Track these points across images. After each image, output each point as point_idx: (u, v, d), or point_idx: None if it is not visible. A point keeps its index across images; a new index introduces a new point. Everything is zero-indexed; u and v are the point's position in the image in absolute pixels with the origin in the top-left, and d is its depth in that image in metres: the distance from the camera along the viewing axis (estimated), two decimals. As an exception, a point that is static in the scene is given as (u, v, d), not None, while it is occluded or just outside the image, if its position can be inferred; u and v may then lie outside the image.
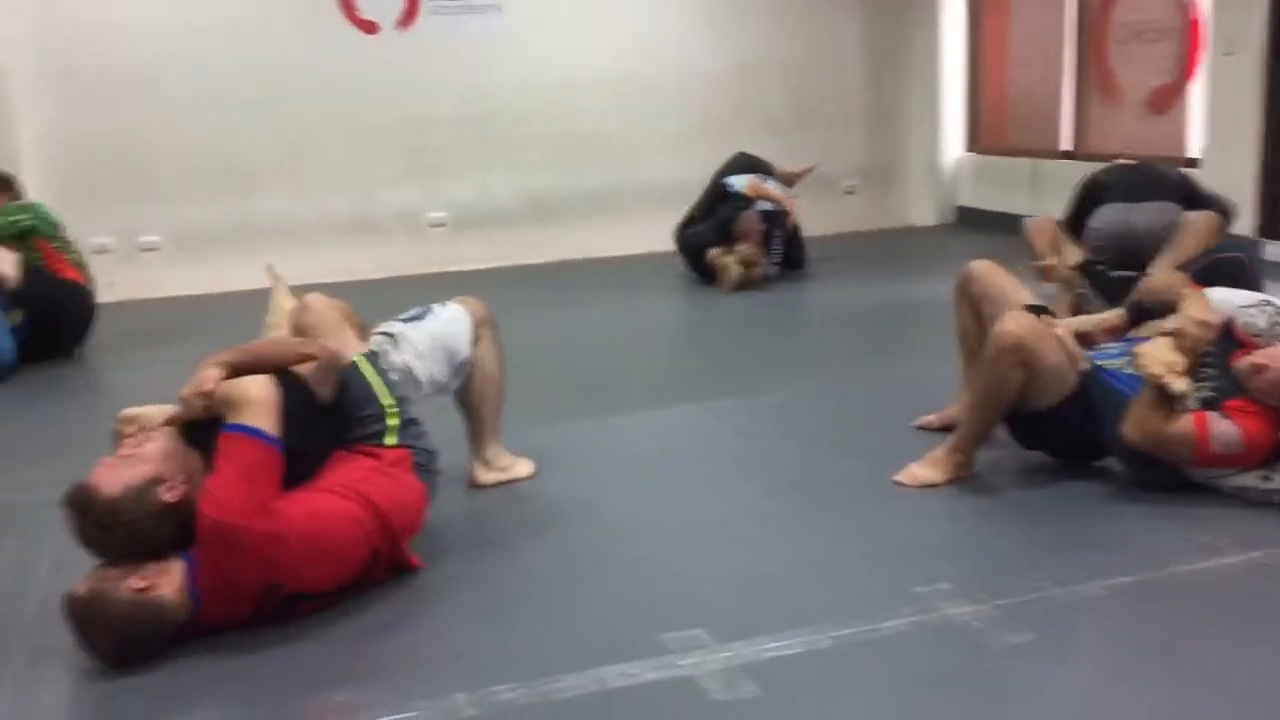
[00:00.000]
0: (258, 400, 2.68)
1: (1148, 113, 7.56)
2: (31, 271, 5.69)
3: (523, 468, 3.71)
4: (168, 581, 2.56)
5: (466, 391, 3.55)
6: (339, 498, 2.75)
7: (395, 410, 3.02)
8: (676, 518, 3.37)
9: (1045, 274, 4.82)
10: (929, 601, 2.70)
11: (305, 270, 7.64)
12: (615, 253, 8.29)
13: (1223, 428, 3.11)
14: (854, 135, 9.18)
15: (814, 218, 8.15)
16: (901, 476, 3.49)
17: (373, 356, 3.14)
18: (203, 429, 2.70)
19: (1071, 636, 2.57)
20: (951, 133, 9.20)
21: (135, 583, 2.51)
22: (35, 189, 7.02)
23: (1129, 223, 4.79)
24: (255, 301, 4.02)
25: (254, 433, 2.63)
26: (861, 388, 4.67)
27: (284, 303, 3.55)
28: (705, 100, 8.68)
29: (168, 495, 2.57)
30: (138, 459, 2.59)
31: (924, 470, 3.49)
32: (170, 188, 7.65)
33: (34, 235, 5.81)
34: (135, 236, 7.51)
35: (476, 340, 3.50)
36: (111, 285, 6.64)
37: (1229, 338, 3.31)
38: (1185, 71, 7.23)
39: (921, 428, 3.96)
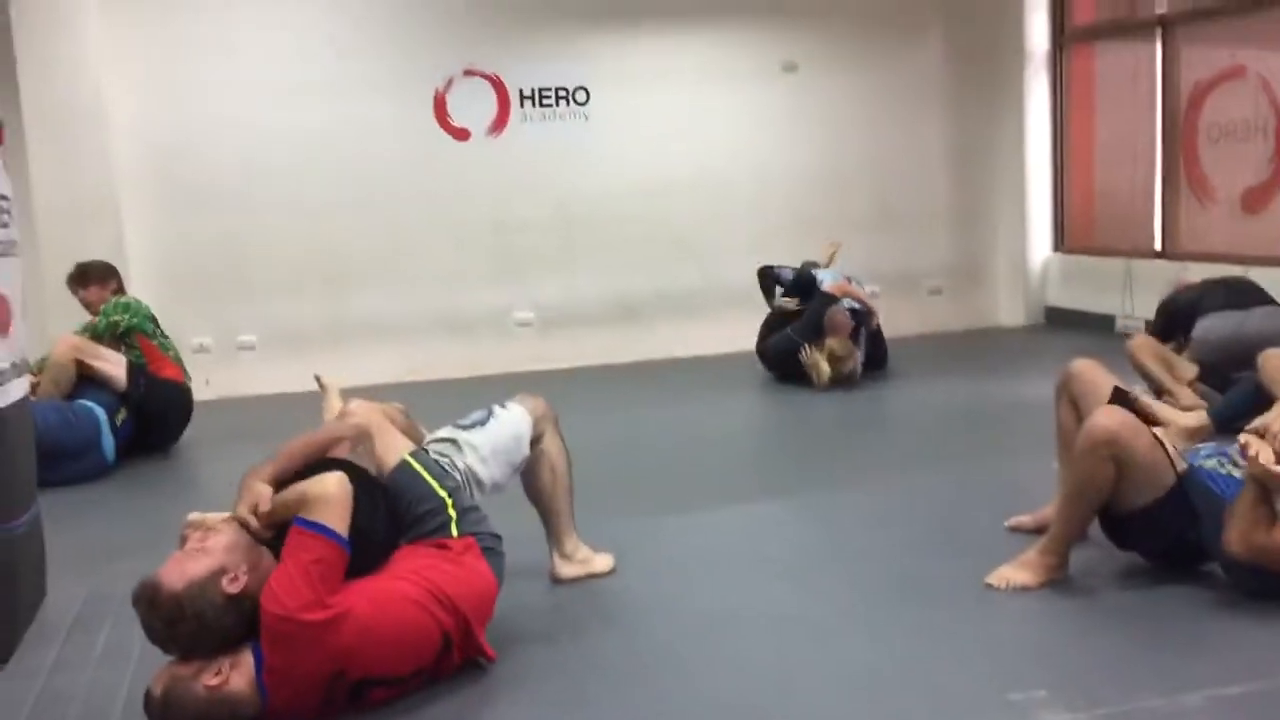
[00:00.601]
0: (333, 498, 2.72)
1: (1241, 213, 7.44)
2: (135, 370, 5.88)
3: (602, 562, 3.70)
4: (239, 675, 2.58)
5: (535, 488, 3.58)
6: (404, 582, 2.78)
7: (452, 501, 3.05)
8: (761, 615, 3.32)
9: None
10: (1025, 709, 2.61)
11: (394, 369, 7.84)
12: (699, 352, 8.32)
13: None
14: (939, 235, 9.16)
15: (900, 318, 8.13)
16: (993, 579, 3.41)
17: (420, 454, 3.16)
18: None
19: (1176, 749, 2.46)
20: (1039, 232, 9.13)
21: (209, 680, 2.54)
22: (140, 290, 7.31)
23: (1243, 327, 4.74)
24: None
25: (323, 530, 2.67)
26: (951, 487, 4.59)
27: (336, 406, 3.61)
28: (788, 201, 8.75)
29: (230, 587, 2.60)
30: (202, 553, 2.64)
31: (1015, 572, 3.40)
32: (266, 287, 7.89)
33: (134, 333, 6.01)
34: (233, 335, 7.75)
35: (538, 438, 3.52)
36: (206, 384, 6.82)
37: None
38: (1279, 171, 7.12)
39: (1014, 529, 3.87)
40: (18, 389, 3.42)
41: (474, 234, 8.26)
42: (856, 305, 7.01)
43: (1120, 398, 3.37)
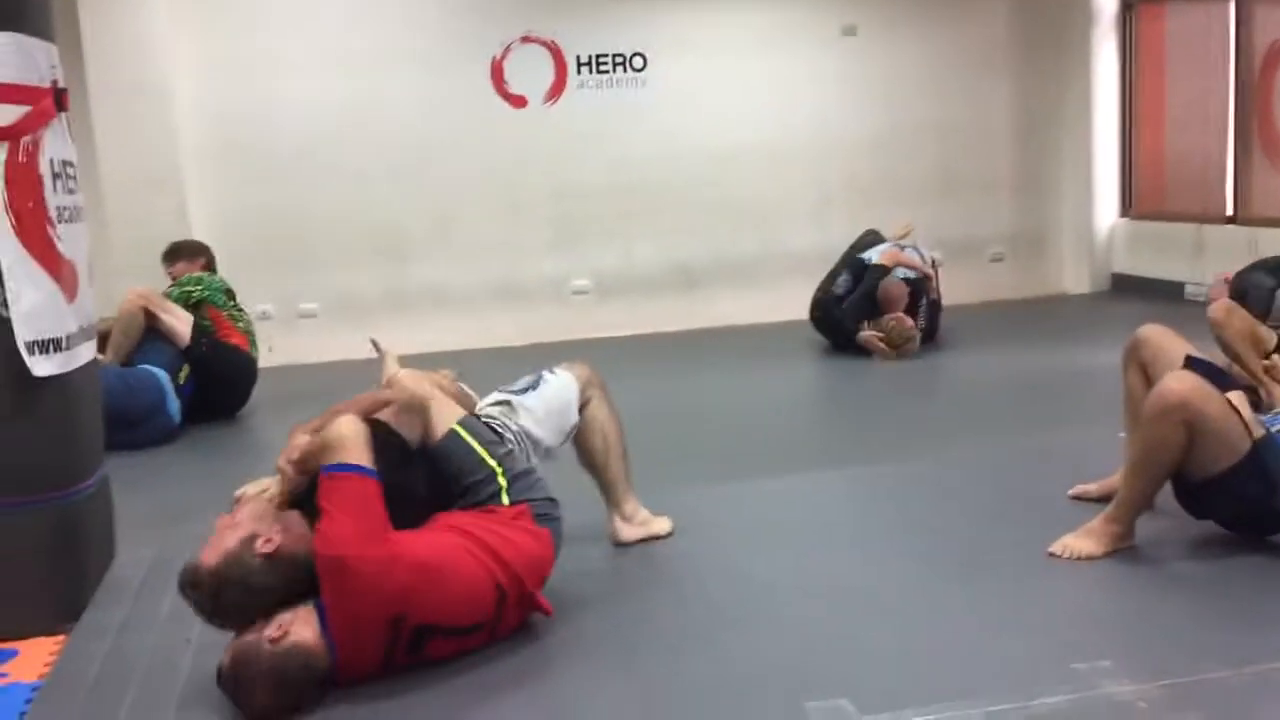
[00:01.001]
0: (347, 436, 2.77)
1: (1317, 175, 7.25)
2: (199, 330, 5.98)
3: (662, 524, 3.71)
4: (301, 625, 2.60)
5: (589, 455, 3.59)
6: (453, 533, 2.83)
7: (502, 470, 3.05)
8: (822, 583, 3.30)
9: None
10: (1089, 679, 2.57)
11: (452, 337, 7.88)
12: (757, 320, 8.27)
13: None
14: (1003, 201, 9.01)
15: (961, 286, 8.02)
16: (1056, 548, 3.35)
17: (470, 421, 3.14)
18: (307, 494, 2.81)
19: (1245, 721, 2.41)
20: (1105, 197, 8.95)
21: (271, 633, 2.57)
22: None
23: None
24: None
25: (349, 468, 2.72)
26: (1015, 456, 4.52)
27: (393, 372, 3.62)
28: (849, 168, 8.66)
29: (265, 548, 2.64)
30: (229, 528, 2.69)
31: (1079, 542, 3.34)
32: (328, 257, 7.97)
33: (205, 304, 6.14)
34: (295, 303, 7.83)
35: (586, 404, 3.54)
36: (269, 350, 6.92)
37: None
38: (1358, 131, 6.91)
39: (1078, 497, 3.80)
40: (86, 353, 3.47)
41: (531, 202, 8.27)
42: (911, 273, 6.91)
43: (1194, 364, 3.29)
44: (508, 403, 3.37)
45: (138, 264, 6.57)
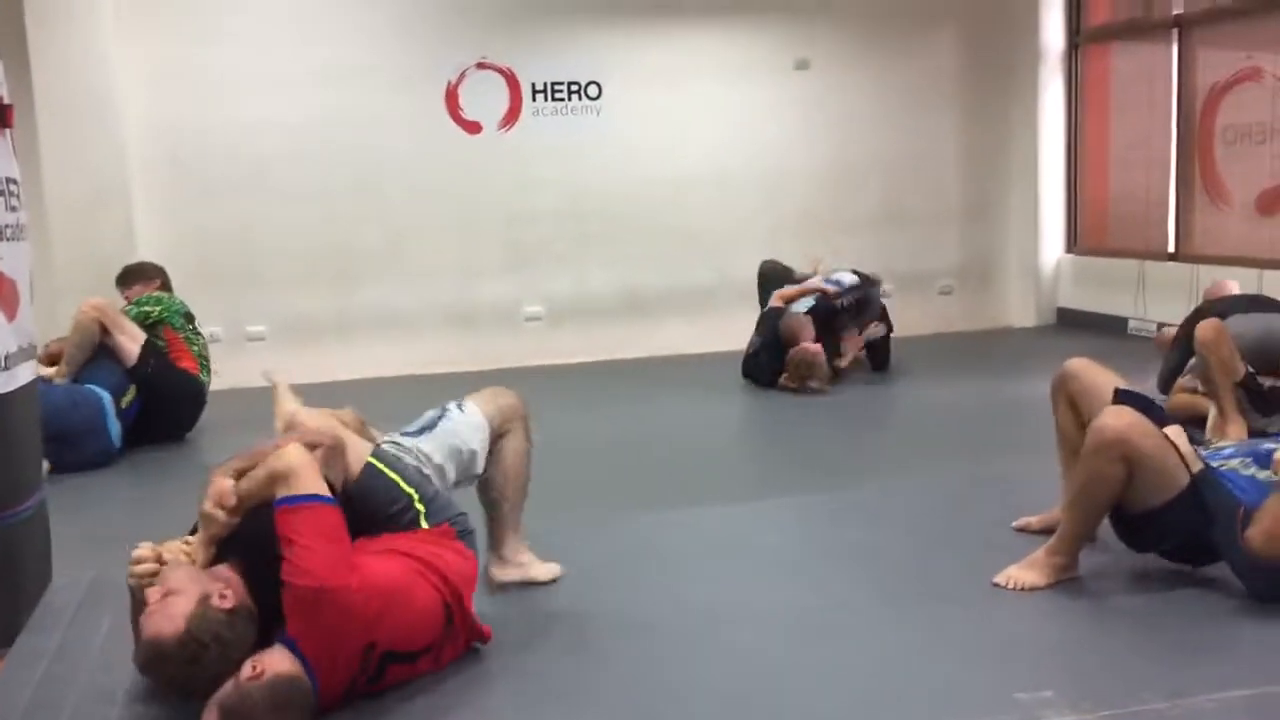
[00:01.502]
0: (301, 466, 2.70)
1: (1256, 215, 7.40)
2: (149, 349, 5.90)
3: (544, 570, 3.53)
4: (276, 661, 2.53)
5: (488, 486, 3.44)
6: (398, 557, 2.79)
7: (418, 496, 3.02)
8: (765, 610, 3.30)
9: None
10: (1031, 709, 2.58)
11: (401, 362, 7.85)
12: (709, 349, 8.30)
13: None
14: (951, 234, 9.14)
15: (910, 318, 8.10)
16: (1000, 579, 3.38)
17: (380, 453, 3.09)
18: (228, 543, 2.74)
19: (1183, 751, 2.44)
20: (1051, 233, 9.10)
21: (248, 674, 2.48)
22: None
23: (1272, 326, 4.70)
24: (354, 391, 4.10)
25: (312, 498, 2.66)
26: (958, 485, 4.57)
27: (287, 406, 3.51)
28: (800, 198, 8.74)
29: (224, 604, 2.55)
30: (173, 593, 2.56)
31: (1023, 573, 3.37)
32: (277, 278, 7.90)
33: (162, 325, 6.10)
34: (243, 325, 7.75)
35: (502, 435, 3.40)
36: (216, 374, 6.83)
37: None
38: (1295, 173, 7.08)
39: (1021, 529, 3.84)
40: (25, 373, 3.41)
41: (484, 227, 8.26)
42: (809, 301, 6.96)
43: (1125, 396, 3.33)
44: (402, 446, 3.21)
45: (82, 283, 6.48)
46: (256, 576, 2.65)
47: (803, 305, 7.00)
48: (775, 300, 7.13)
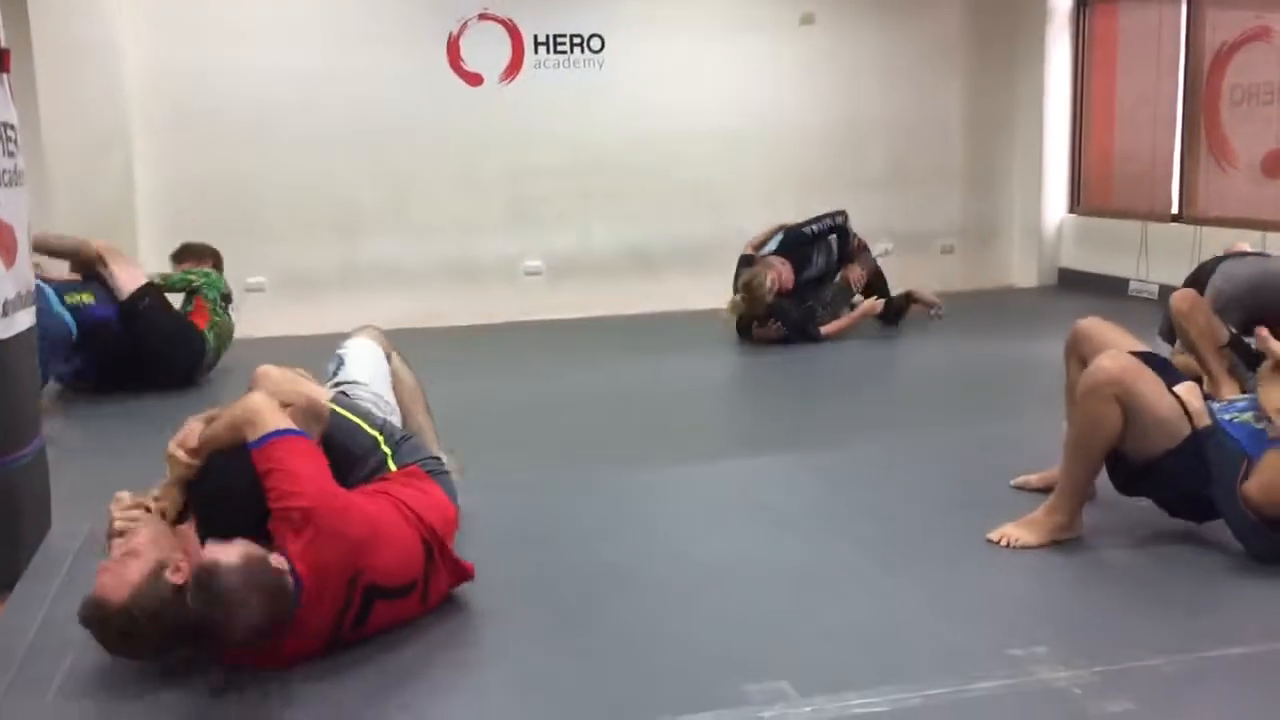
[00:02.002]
0: (262, 408, 2.74)
1: (1261, 177, 7.36)
2: (149, 294, 5.95)
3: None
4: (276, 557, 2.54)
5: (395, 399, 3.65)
6: (372, 494, 2.84)
7: (383, 437, 3.09)
8: (763, 566, 3.31)
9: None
10: (1025, 664, 2.60)
11: (403, 315, 7.81)
12: (712, 304, 8.26)
13: None
14: (954, 193, 9.09)
15: (911, 276, 8.07)
16: (994, 536, 3.39)
17: (339, 399, 3.18)
18: (201, 487, 2.76)
19: (1175, 708, 2.45)
20: (1055, 193, 9.06)
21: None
22: (149, 226, 7.28)
23: (1266, 270, 4.69)
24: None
25: (284, 433, 2.69)
26: (958, 444, 4.57)
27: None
28: (804, 156, 8.68)
29: (175, 578, 2.52)
30: (132, 555, 2.55)
31: (1019, 530, 3.38)
32: (278, 229, 7.87)
33: (197, 294, 6.26)
34: (242, 276, 7.68)
35: (386, 357, 3.68)
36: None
37: None
38: (1302, 135, 7.03)
39: (1019, 488, 3.85)
40: (24, 319, 3.41)
41: (486, 181, 8.21)
42: (780, 237, 7.13)
43: (1141, 356, 3.32)
44: (348, 383, 3.39)
45: (80, 229, 6.42)
46: (212, 528, 2.64)
47: (772, 245, 7.09)
48: (746, 249, 7.22)
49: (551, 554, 3.46)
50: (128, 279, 5.90)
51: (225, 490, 2.75)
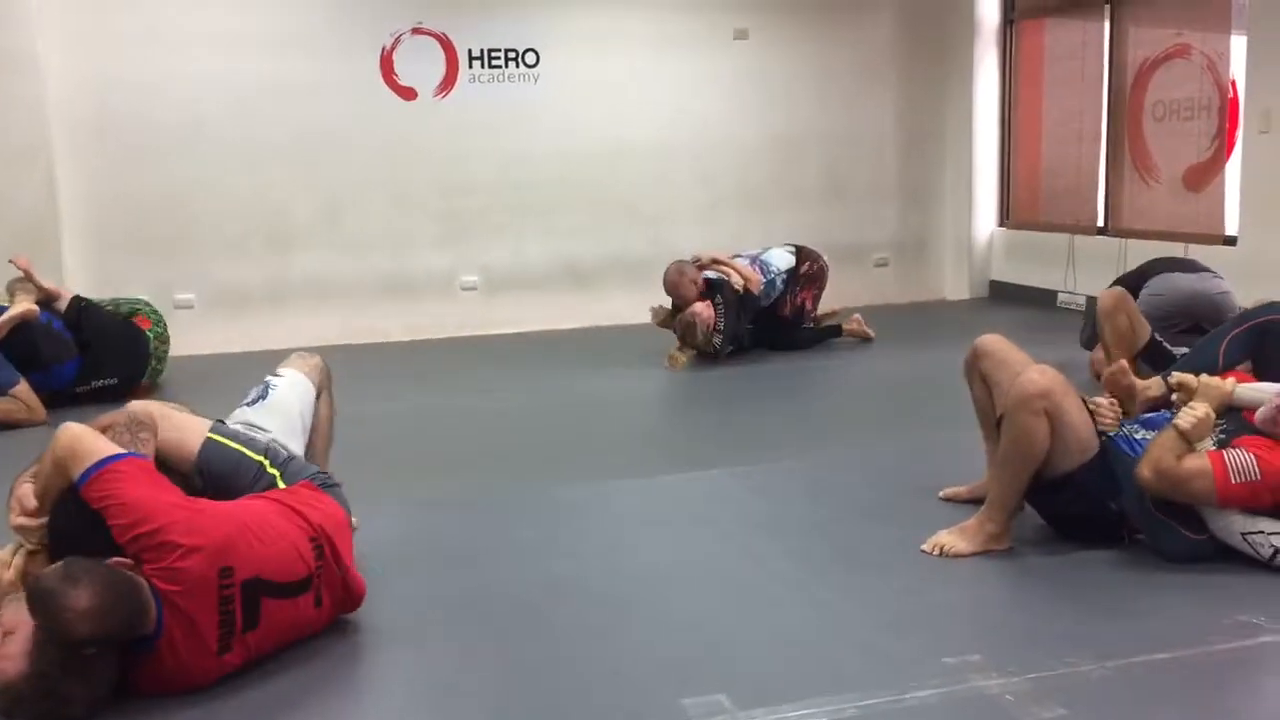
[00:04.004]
0: (78, 439, 2.64)
1: (1184, 190, 7.53)
2: (83, 300, 6.14)
3: None
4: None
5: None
6: (249, 499, 2.81)
7: (268, 461, 3.03)
8: (699, 579, 3.32)
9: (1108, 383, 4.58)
10: (959, 673, 2.63)
11: (337, 331, 7.75)
12: (647, 319, 8.28)
13: (1237, 456, 3.10)
14: (887, 208, 9.20)
15: (847, 290, 8.15)
16: (928, 545, 3.43)
17: (219, 428, 3.08)
18: (56, 539, 2.65)
19: (1106, 714, 2.48)
20: (985, 207, 9.20)
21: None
22: (75, 245, 7.15)
23: (1196, 286, 4.84)
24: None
25: (104, 462, 2.59)
26: (890, 456, 4.62)
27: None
28: (739, 171, 8.74)
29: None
30: (8, 633, 2.40)
31: (952, 539, 3.42)
32: (206, 245, 7.75)
33: (138, 313, 6.39)
34: (171, 293, 7.57)
35: (316, 397, 3.49)
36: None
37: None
38: (1222, 149, 7.20)
39: (948, 499, 3.89)
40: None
41: (420, 195, 8.16)
42: (714, 275, 6.87)
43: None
44: (232, 420, 3.25)
45: (2, 239, 6.31)
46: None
47: (708, 274, 6.87)
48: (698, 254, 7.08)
49: (485, 570, 3.44)
50: (59, 293, 6.10)
51: (70, 532, 2.62)
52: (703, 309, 6.68)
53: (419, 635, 2.95)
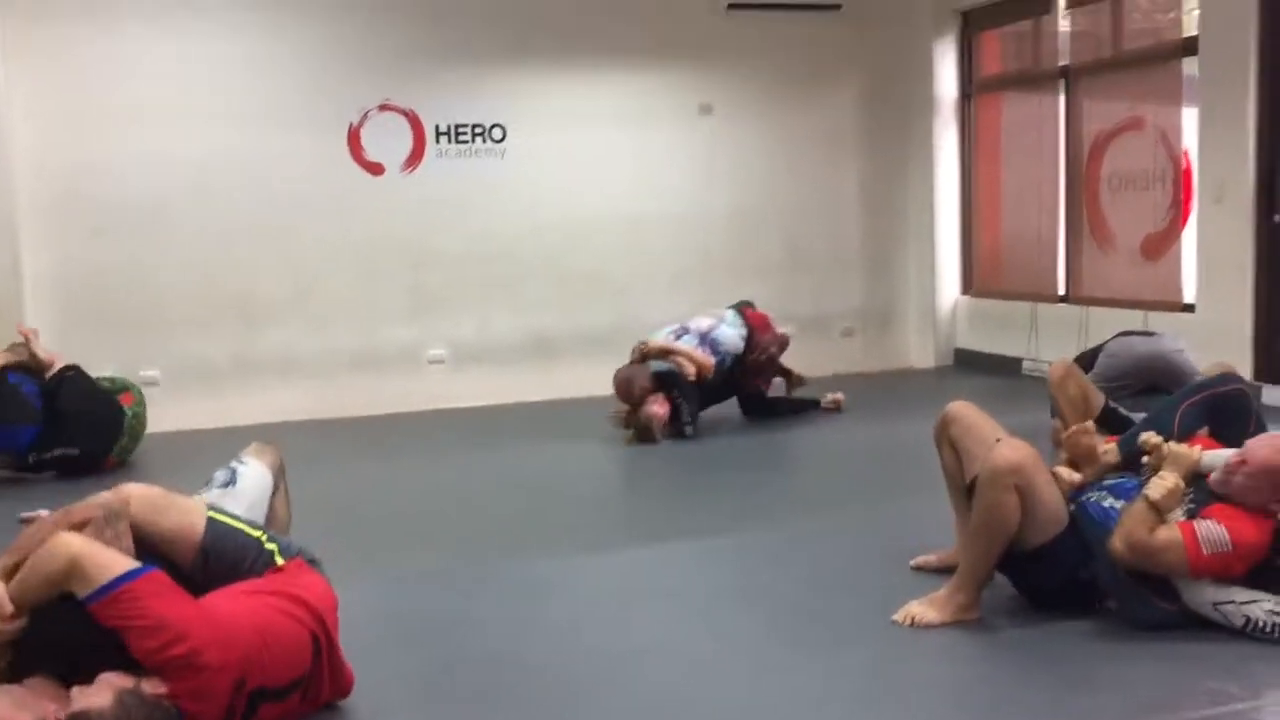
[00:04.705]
0: (83, 553, 2.54)
1: (1141, 259, 7.66)
2: (70, 369, 6.24)
3: None
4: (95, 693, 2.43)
5: None
6: (257, 594, 2.76)
7: (265, 536, 3.02)
8: (668, 653, 3.29)
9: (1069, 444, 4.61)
10: (929, 746, 2.61)
11: (303, 406, 7.71)
12: (613, 390, 8.29)
13: (1208, 528, 3.11)
14: (852, 278, 9.29)
15: (812, 359, 8.20)
16: (899, 616, 3.42)
17: (215, 506, 3.07)
18: (31, 649, 2.60)
19: (1077, 784, 2.48)
20: (949, 276, 9.31)
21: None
22: (40, 320, 7.08)
23: (1156, 349, 4.94)
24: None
25: (119, 582, 2.51)
26: (859, 526, 4.62)
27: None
28: (705, 242, 8.82)
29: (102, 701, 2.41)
30: None
31: (923, 609, 3.41)
32: (172, 320, 7.71)
33: (127, 390, 6.55)
34: (136, 369, 7.49)
35: (274, 490, 3.48)
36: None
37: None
38: (1178, 218, 7.34)
39: (919, 568, 3.89)
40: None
41: (387, 270, 8.18)
42: (663, 366, 6.77)
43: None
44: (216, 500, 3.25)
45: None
46: (73, 672, 2.52)
47: (658, 366, 6.75)
48: (636, 351, 6.93)
49: (450, 647, 3.40)
50: (49, 358, 6.25)
51: (62, 643, 2.56)
52: (657, 409, 6.61)
53: (379, 713, 2.91)
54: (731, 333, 6.98)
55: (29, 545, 2.68)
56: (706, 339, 6.93)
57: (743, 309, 7.19)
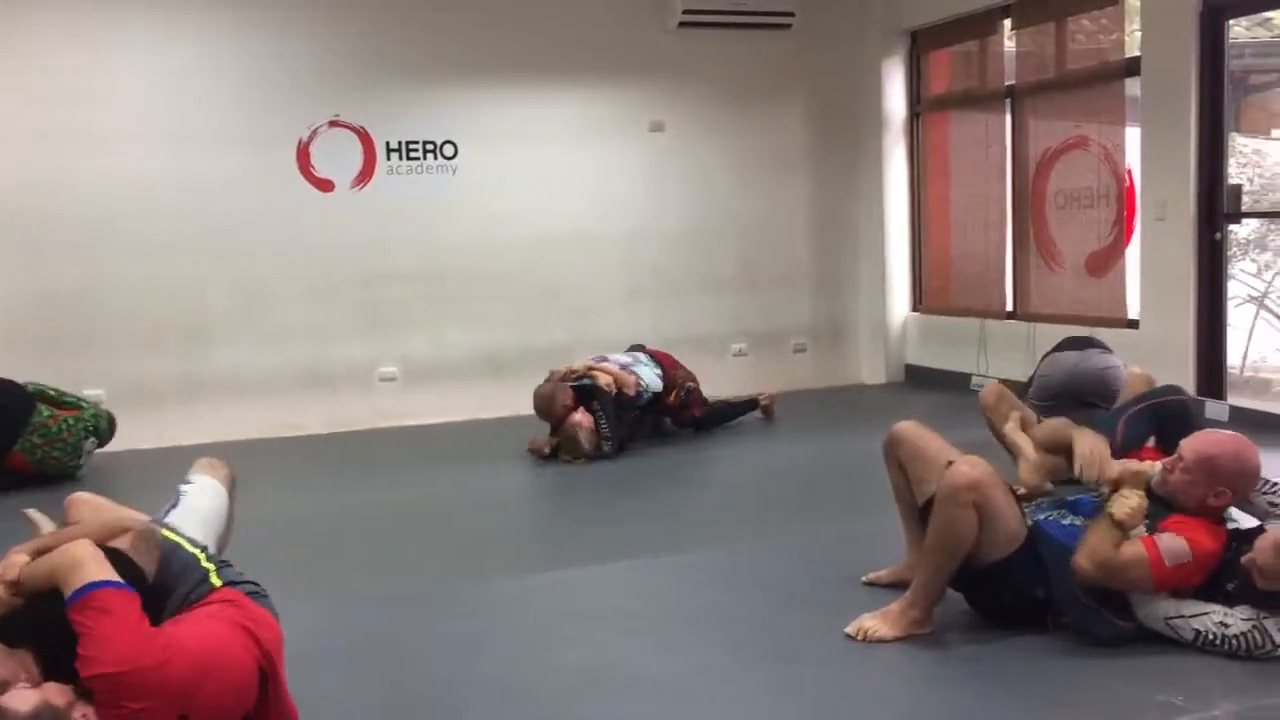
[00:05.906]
0: (86, 557, 2.57)
1: (1086, 276, 7.77)
2: None
3: None
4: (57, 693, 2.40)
5: None
6: (210, 617, 2.70)
7: (204, 555, 2.97)
8: (621, 674, 3.28)
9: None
10: (883, 762, 2.62)
11: (253, 425, 7.62)
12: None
13: (1168, 540, 3.16)
14: (803, 294, 9.35)
15: (765, 376, 8.24)
16: (851, 629, 3.43)
17: (160, 521, 3.05)
18: (18, 625, 2.58)
19: (1029, 798, 2.49)
20: (899, 293, 9.39)
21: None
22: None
23: (1085, 360, 5.02)
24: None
25: (101, 585, 2.52)
26: (812, 541, 4.63)
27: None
28: (658, 259, 8.84)
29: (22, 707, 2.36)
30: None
31: (875, 623, 3.43)
32: (118, 340, 7.59)
33: (71, 406, 6.67)
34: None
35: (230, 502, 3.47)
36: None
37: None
38: (1121, 236, 7.46)
39: (871, 584, 3.91)
40: None
41: (338, 287, 8.11)
42: (586, 381, 6.80)
43: None
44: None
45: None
46: (53, 665, 2.48)
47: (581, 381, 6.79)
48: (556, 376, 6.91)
49: (403, 668, 3.37)
50: None
51: (37, 630, 2.55)
52: (580, 418, 6.61)
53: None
54: (648, 372, 7.08)
55: (63, 534, 2.73)
56: (629, 369, 7.00)
57: (644, 349, 7.39)
